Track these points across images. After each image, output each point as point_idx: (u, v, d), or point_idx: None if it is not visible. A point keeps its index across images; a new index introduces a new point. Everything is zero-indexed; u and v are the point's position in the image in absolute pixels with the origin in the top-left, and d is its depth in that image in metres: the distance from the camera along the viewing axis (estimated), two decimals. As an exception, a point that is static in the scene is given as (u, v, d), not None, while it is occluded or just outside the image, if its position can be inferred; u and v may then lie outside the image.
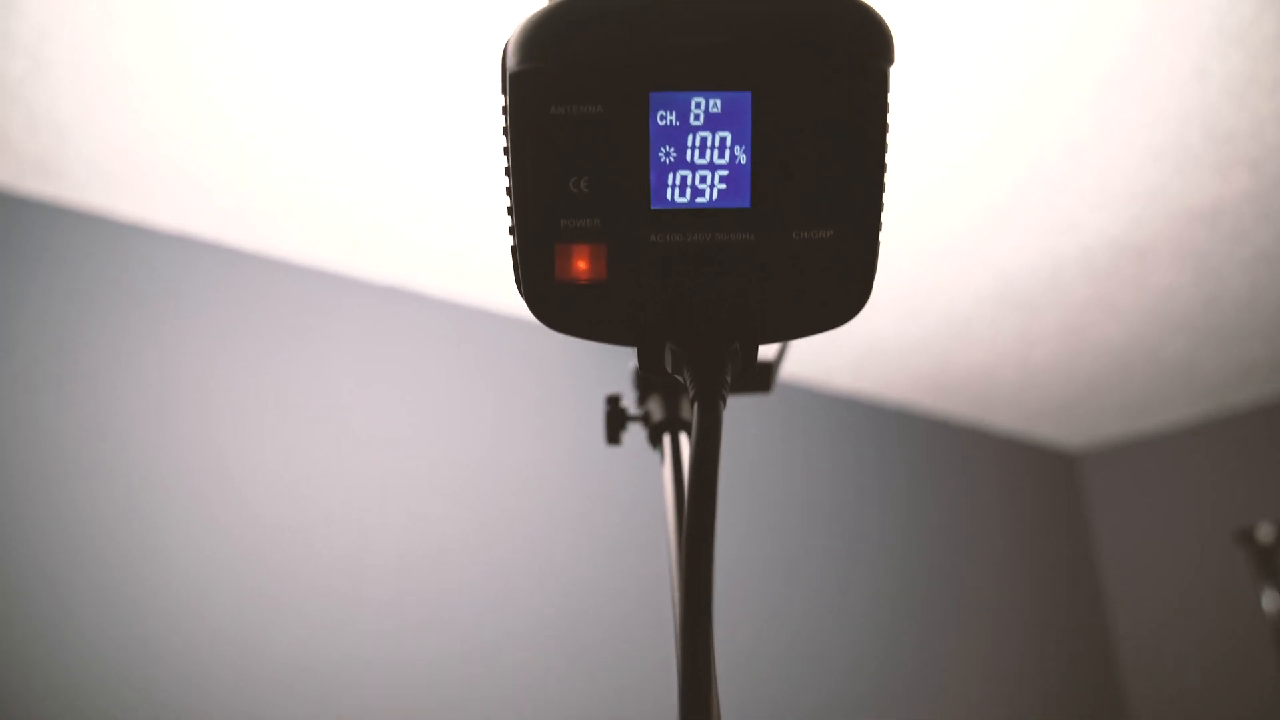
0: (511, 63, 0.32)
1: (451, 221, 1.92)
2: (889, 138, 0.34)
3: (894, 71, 0.33)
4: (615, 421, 0.55)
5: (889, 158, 0.35)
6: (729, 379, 0.34)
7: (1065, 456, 3.59)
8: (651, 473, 2.17)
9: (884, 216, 0.35)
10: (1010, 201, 1.92)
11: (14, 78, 1.48)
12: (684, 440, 0.51)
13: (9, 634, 1.53)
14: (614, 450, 1.99)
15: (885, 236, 2.03)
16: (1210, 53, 1.52)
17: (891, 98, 0.34)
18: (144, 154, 1.68)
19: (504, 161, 0.34)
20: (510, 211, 0.34)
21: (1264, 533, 3.01)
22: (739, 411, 2.39)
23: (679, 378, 0.34)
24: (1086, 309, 2.37)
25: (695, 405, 0.32)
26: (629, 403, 0.57)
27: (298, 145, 1.68)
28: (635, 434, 0.62)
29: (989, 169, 1.82)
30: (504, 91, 0.33)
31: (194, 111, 1.58)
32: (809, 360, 2.61)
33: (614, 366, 2.27)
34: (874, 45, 0.31)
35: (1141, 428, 3.41)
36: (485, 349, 2.23)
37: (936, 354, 2.62)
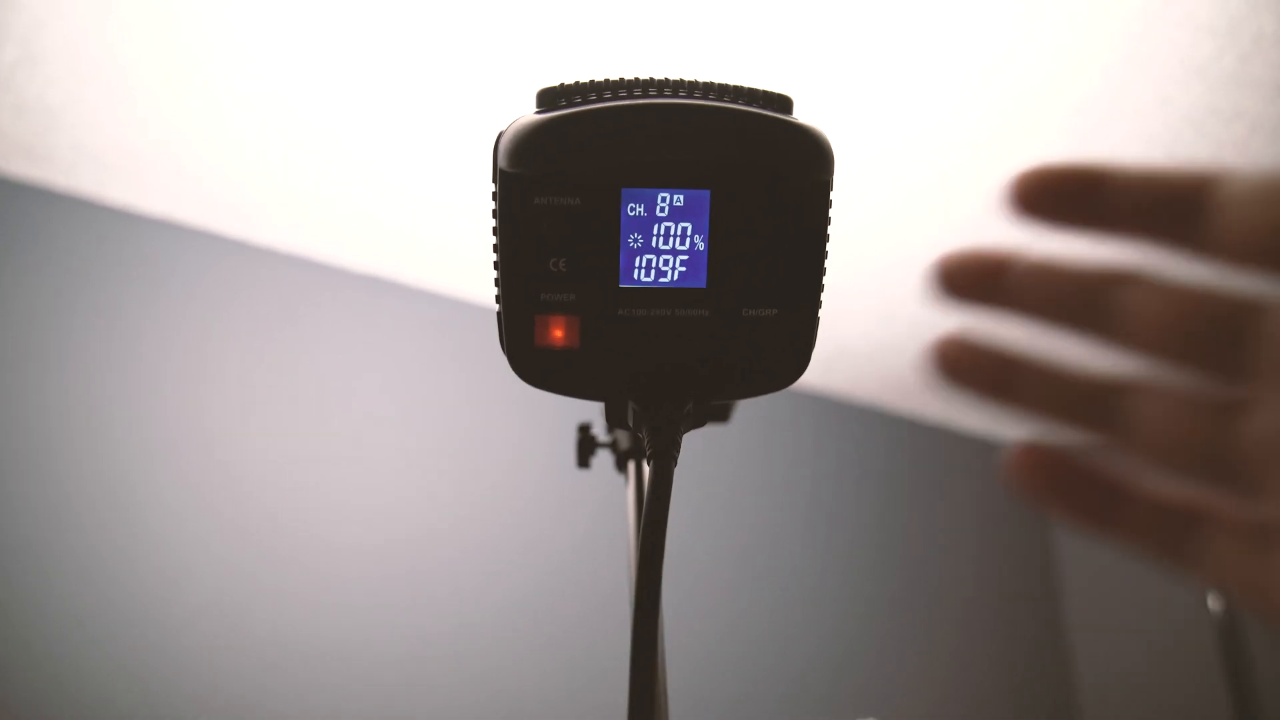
0: (503, 162, 0.36)
1: (431, 214, 1.95)
2: (829, 230, 0.39)
3: (835, 180, 0.38)
4: (585, 447, 0.60)
5: (829, 246, 0.40)
6: (681, 437, 0.39)
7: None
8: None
9: (822, 297, 0.40)
10: (982, 215, 1.98)
11: (4, 65, 1.49)
12: (646, 468, 0.56)
13: (-10, 609, 1.57)
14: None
15: (862, 243, 2.09)
16: (1173, 84, 1.58)
17: (833, 197, 0.39)
18: (134, 141, 1.71)
19: (492, 239, 0.39)
20: (496, 283, 0.39)
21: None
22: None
23: (638, 435, 0.39)
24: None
25: (650, 462, 0.37)
26: (599, 430, 0.61)
27: (285, 136, 1.71)
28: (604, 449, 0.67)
29: (965, 184, 1.87)
30: (494, 181, 0.38)
31: (185, 101, 1.61)
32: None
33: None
34: (816, 162, 0.36)
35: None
36: (464, 338, 2.26)
37: (907, 356, 2.69)
